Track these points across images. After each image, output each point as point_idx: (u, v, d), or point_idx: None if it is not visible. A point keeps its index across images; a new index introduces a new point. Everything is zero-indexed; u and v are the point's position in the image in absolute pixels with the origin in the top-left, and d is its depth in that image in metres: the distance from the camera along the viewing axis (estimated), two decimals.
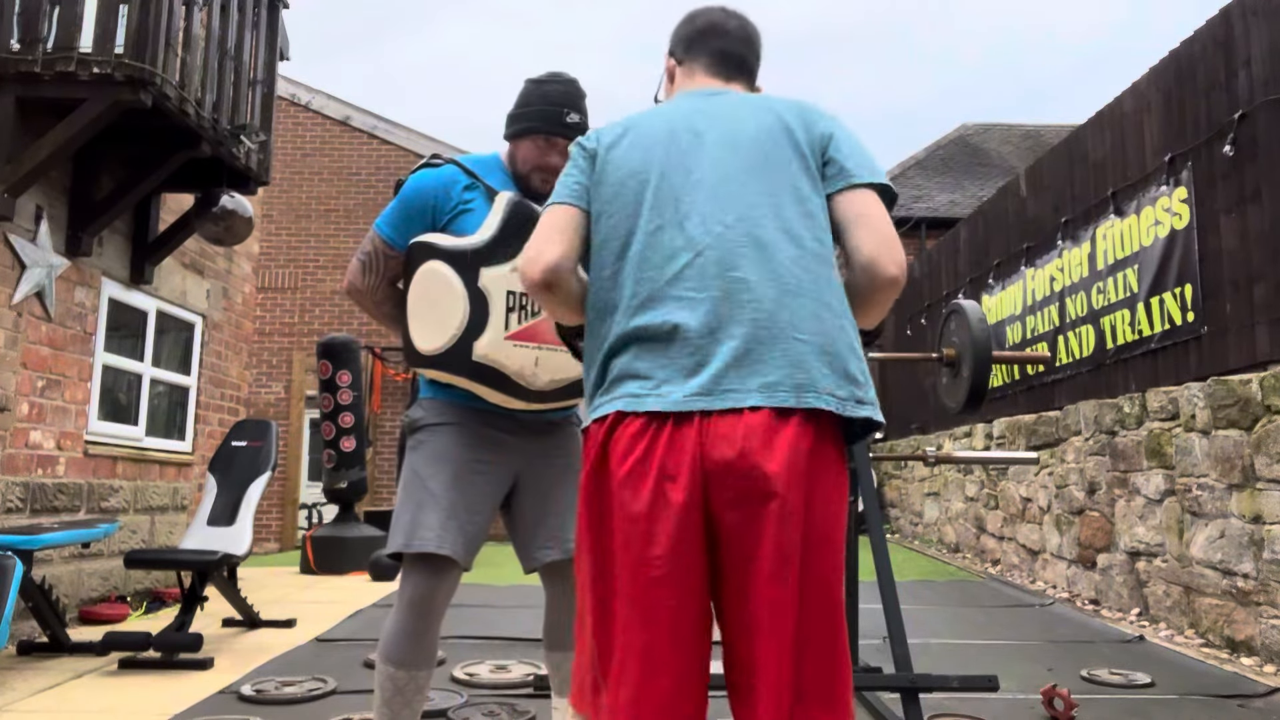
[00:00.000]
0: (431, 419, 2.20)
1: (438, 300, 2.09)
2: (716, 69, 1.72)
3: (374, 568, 6.99)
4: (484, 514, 2.17)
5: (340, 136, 11.87)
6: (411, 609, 2.08)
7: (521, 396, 2.13)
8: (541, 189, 2.22)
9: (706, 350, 1.39)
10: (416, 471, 2.16)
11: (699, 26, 1.75)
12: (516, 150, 2.24)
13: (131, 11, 4.41)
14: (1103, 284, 5.90)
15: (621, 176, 1.53)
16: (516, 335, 2.09)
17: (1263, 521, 4.12)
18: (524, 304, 2.10)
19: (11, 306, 4.54)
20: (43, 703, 3.45)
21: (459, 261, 2.08)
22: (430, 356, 2.10)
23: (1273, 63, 4.36)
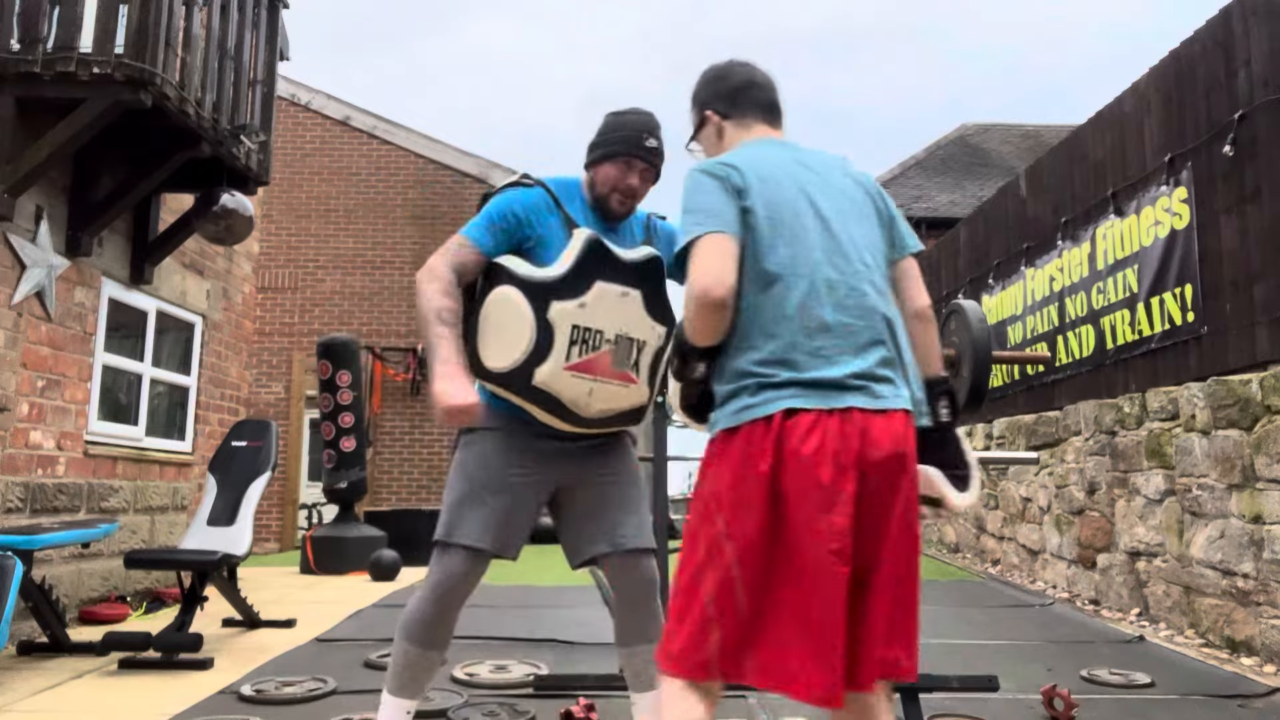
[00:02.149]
0: (484, 424, 2.37)
1: (508, 324, 2.26)
2: (768, 119, 1.96)
3: (374, 568, 6.98)
4: (522, 514, 2.37)
5: (340, 136, 11.86)
6: (434, 593, 2.33)
7: (572, 422, 2.32)
8: (618, 210, 2.43)
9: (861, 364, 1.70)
10: (465, 471, 2.38)
11: (737, 83, 1.97)
12: (597, 174, 2.42)
13: (131, 11, 4.41)
14: (1103, 284, 5.90)
15: (770, 215, 1.75)
16: (576, 367, 2.26)
17: (1263, 521, 4.12)
18: (586, 339, 2.27)
19: (11, 306, 4.54)
20: (43, 703, 3.45)
21: (532, 291, 2.26)
22: (494, 373, 2.29)
23: (1273, 63, 4.36)
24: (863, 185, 1.89)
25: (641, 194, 2.46)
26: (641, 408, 2.42)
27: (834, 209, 1.80)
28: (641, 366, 2.37)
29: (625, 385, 2.34)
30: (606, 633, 4.66)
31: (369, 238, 11.65)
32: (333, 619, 5.09)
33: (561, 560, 2.62)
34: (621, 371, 2.32)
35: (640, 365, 2.36)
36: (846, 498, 1.59)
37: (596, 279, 2.29)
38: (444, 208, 11.70)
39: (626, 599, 2.46)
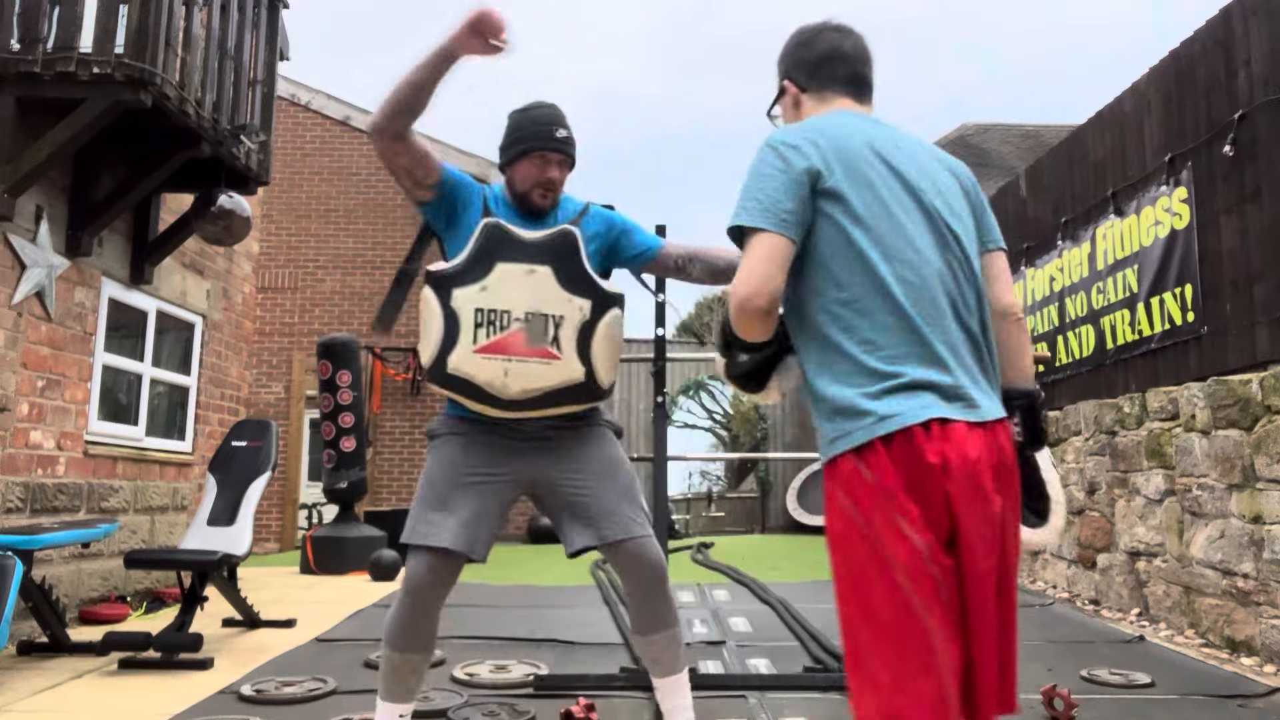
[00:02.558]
0: (444, 430, 2.47)
1: (425, 320, 2.36)
2: (850, 94, 1.77)
3: (374, 568, 6.98)
4: (487, 514, 2.40)
5: (340, 136, 11.86)
6: (407, 596, 2.35)
7: (496, 405, 2.34)
8: (541, 204, 2.45)
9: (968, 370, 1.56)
10: (428, 475, 2.44)
11: (821, 52, 1.78)
12: (515, 173, 2.46)
13: (131, 11, 4.41)
14: (1103, 284, 5.90)
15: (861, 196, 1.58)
16: (485, 349, 2.30)
17: (1263, 521, 4.12)
18: (491, 320, 2.30)
19: (11, 306, 4.54)
20: (43, 703, 3.45)
21: (439, 284, 2.35)
22: (425, 371, 2.38)
23: (1273, 63, 4.36)
24: (954, 170, 1.74)
25: (560, 184, 2.49)
26: (578, 385, 2.37)
27: (931, 192, 1.64)
28: (564, 341, 2.34)
29: (547, 362, 2.32)
30: (606, 633, 4.67)
31: (369, 238, 11.65)
32: (333, 619, 5.09)
33: (561, 560, 2.64)
34: (539, 348, 2.32)
35: (561, 340, 2.34)
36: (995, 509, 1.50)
37: (497, 261, 2.34)
38: None
39: (633, 588, 2.48)
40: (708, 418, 19.17)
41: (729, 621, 4.93)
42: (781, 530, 12.22)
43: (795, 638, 4.46)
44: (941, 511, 1.45)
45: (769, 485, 13.16)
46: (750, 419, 15.05)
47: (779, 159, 1.58)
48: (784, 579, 6.54)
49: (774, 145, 1.61)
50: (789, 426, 13.16)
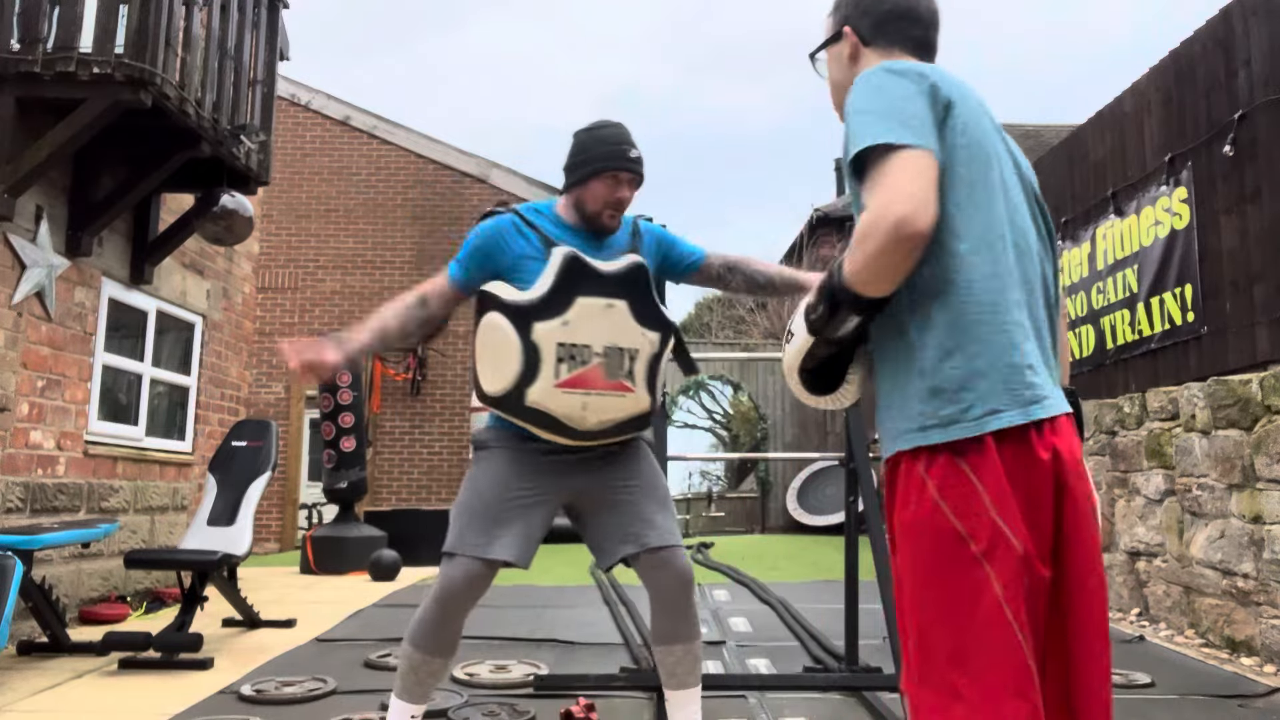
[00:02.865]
0: (493, 442, 2.47)
1: (497, 349, 2.33)
2: (921, 58, 1.58)
3: (374, 568, 6.98)
4: (534, 524, 2.43)
5: (340, 136, 11.86)
6: (442, 602, 2.36)
7: (571, 436, 2.37)
8: (610, 225, 2.47)
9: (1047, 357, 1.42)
10: (476, 486, 2.44)
11: (895, 8, 1.58)
12: (585, 193, 2.44)
13: (131, 11, 4.41)
14: (1102, 284, 5.90)
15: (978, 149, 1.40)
16: (566, 383, 2.31)
17: (1263, 521, 4.12)
18: (573, 354, 2.31)
19: (11, 306, 4.54)
20: (43, 703, 3.45)
21: (515, 314, 2.32)
22: (491, 397, 2.37)
23: (1273, 63, 4.36)
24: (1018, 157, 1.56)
25: (629, 204, 2.49)
26: (644, 415, 2.44)
27: (1024, 164, 1.51)
28: (637, 374, 2.39)
29: (621, 395, 2.37)
30: (606, 633, 4.67)
31: (369, 238, 11.65)
32: (333, 619, 5.09)
33: (562, 560, 2.64)
34: (616, 381, 2.35)
35: (635, 373, 2.39)
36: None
37: (577, 295, 2.33)
38: (444, 208, 11.70)
39: (660, 598, 2.50)
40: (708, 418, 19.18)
41: (729, 621, 4.93)
42: (781, 530, 12.22)
43: (795, 638, 4.46)
44: (1047, 515, 1.31)
45: (769, 485, 13.16)
46: (750, 419, 15.05)
47: (905, 79, 1.38)
48: (784, 579, 6.54)
49: (895, 70, 1.40)
50: (789, 426, 13.16)
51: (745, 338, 15.81)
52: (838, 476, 9.99)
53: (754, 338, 15.35)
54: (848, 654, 3.69)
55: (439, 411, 11.25)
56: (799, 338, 1.48)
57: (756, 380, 13.39)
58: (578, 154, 2.46)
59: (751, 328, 15.94)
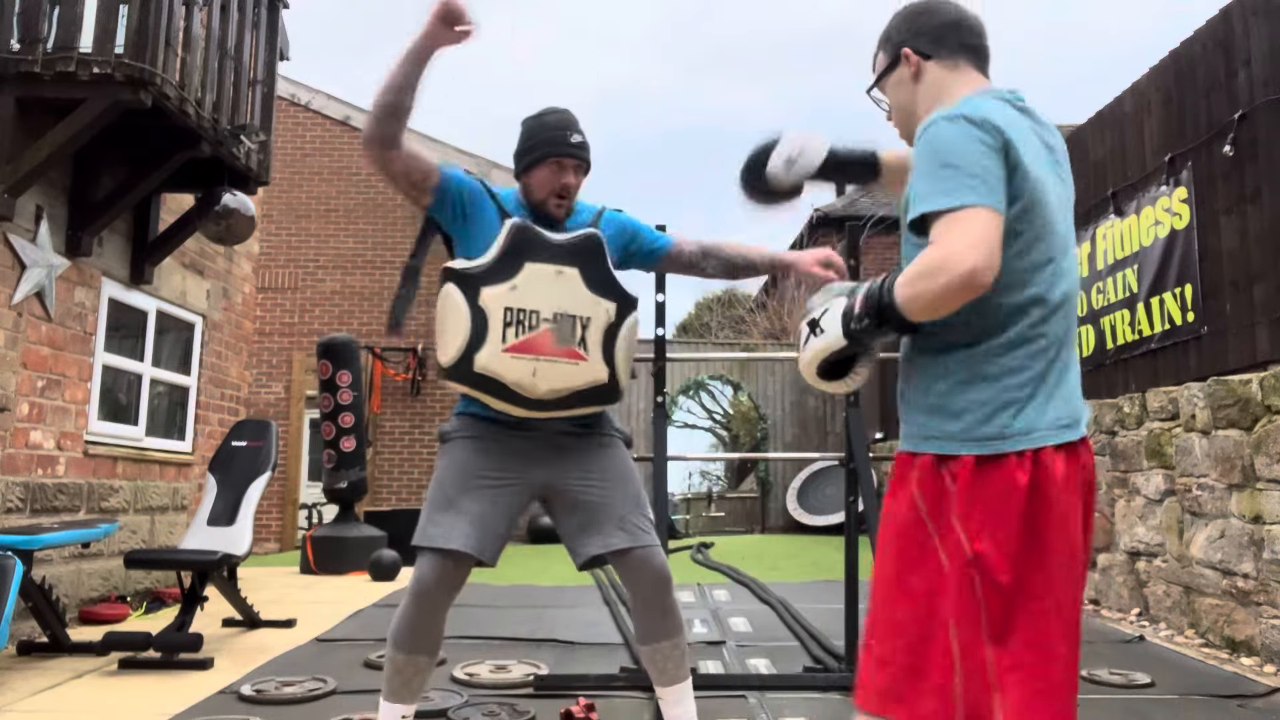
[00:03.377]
0: (457, 432, 2.44)
1: (448, 317, 2.32)
2: (980, 65, 1.67)
3: (374, 568, 6.98)
4: (497, 516, 2.39)
5: (340, 137, 11.86)
6: (415, 598, 2.34)
7: (523, 405, 2.33)
8: (557, 212, 2.45)
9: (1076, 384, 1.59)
10: (439, 477, 2.42)
11: (945, 20, 1.67)
12: (532, 180, 2.44)
13: (131, 11, 4.41)
14: (1102, 284, 5.90)
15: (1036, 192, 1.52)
16: (514, 348, 2.29)
17: (1263, 521, 4.12)
18: (520, 319, 2.29)
19: (11, 306, 4.54)
20: (43, 703, 3.45)
21: (465, 282, 2.31)
22: (445, 368, 2.35)
23: (1273, 63, 4.36)
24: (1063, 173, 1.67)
25: (576, 190, 2.49)
26: (602, 386, 2.40)
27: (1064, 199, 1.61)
28: (590, 343, 2.36)
29: (574, 363, 2.34)
30: (606, 633, 4.67)
31: (369, 238, 11.65)
32: (333, 619, 5.09)
33: (561, 560, 2.63)
34: (566, 348, 2.33)
35: (589, 341, 2.36)
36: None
37: (525, 260, 2.33)
38: None
39: (638, 597, 2.48)
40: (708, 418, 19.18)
41: (729, 621, 4.93)
42: (781, 530, 12.22)
43: (795, 638, 4.46)
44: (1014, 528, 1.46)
45: (769, 485, 13.15)
46: (750, 419, 15.05)
47: (979, 132, 1.46)
48: (784, 579, 6.54)
49: (969, 118, 1.47)
50: (789, 426, 13.16)
51: (745, 338, 15.81)
52: (838, 476, 10.00)
53: (754, 338, 15.35)
54: (848, 654, 3.69)
55: (439, 411, 11.24)
56: (831, 335, 1.59)
57: (756, 380, 13.39)
58: (523, 141, 2.46)
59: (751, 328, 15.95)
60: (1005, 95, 1.60)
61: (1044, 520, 1.46)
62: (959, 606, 1.43)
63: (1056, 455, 1.48)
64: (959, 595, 1.44)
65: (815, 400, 12.64)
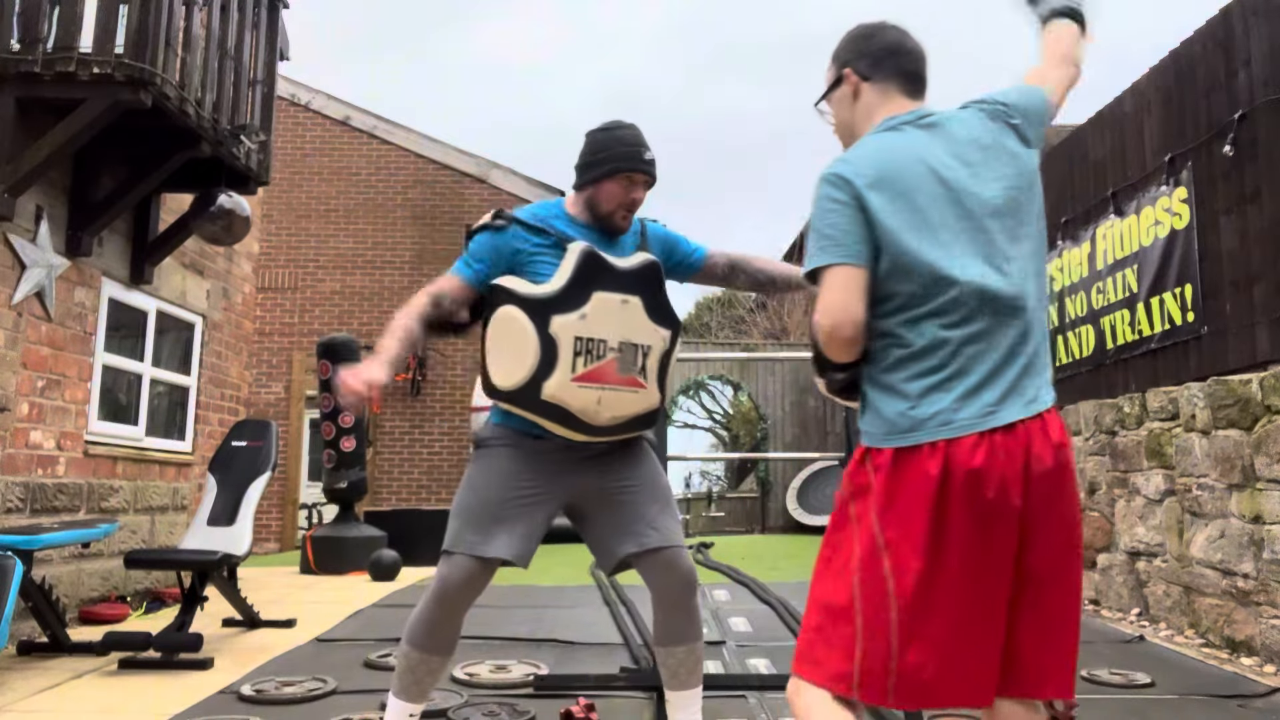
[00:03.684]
0: (495, 440, 2.44)
1: (512, 342, 2.31)
2: (910, 90, 1.85)
3: (374, 568, 6.98)
4: (534, 522, 2.41)
5: (340, 136, 11.86)
6: (436, 600, 2.35)
7: (584, 431, 2.36)
8: (623, 225, 2.47)
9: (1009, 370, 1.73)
10: (474, 483, 2.42)
11: (885, 44, 1.86)
12: (599, 193, 2.44)
13: (131, 11, 4.41)
14: (1102, 284, 5.90)
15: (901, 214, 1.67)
16: (582, 378, 2.31)
17: (1263, 521, 4.12)
18: (590, 349, 2.31)
19: (11, 306, 4.54)
20: (43, 703, 3.45)
21: (533, 308, 2.31)
22: (504, 391, 2.34)
23: (1273, 63, 4.36)
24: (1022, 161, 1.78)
25: (640, 205, 2.50)
26: (653, 412, 2.45)
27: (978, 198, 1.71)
28: (649, 370, 2.40)
29: (634, 390, 2.37)
30: (606, 633, 4.67)
31: (369, 238, 11.65)
32: (333, 619, 5.09)
33: (562, 560, 2.63)
34: (629, 377, 2.36)
35: (648, 369, 2.40)
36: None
37: (594, 289, 2.33)
38: (444, 208, 11.70)
39: (663, 598, 2.49)
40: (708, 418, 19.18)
41: (729, 621, 4.93)
42: (781, 530, 12.23)
43: (795, 637, 4.45)
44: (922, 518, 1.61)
45: (769, 485, 13.16)
46: (750, 419, 15.05)
47: (834, 195, 1.69)
48: (784, 579, 6.54)
49: (828, 180, 1.71)
50: (789, 426, 13.16)
51: (745, 338, 15.81)
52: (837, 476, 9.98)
53: (754, 338, 15.35)
54: None
55: (439, 411, 11.25)
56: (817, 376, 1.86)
57: (756, 380, 13.39)
58: (593, 153, 2.46)
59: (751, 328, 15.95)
60: (909, 118, 1.78)
61: (956, 508, 1.58)
62: (867, 586, 1.61)
63: (978, 446, 1.60)
64: (868, 576, 1.61)
65: (815, 400, 12.64)
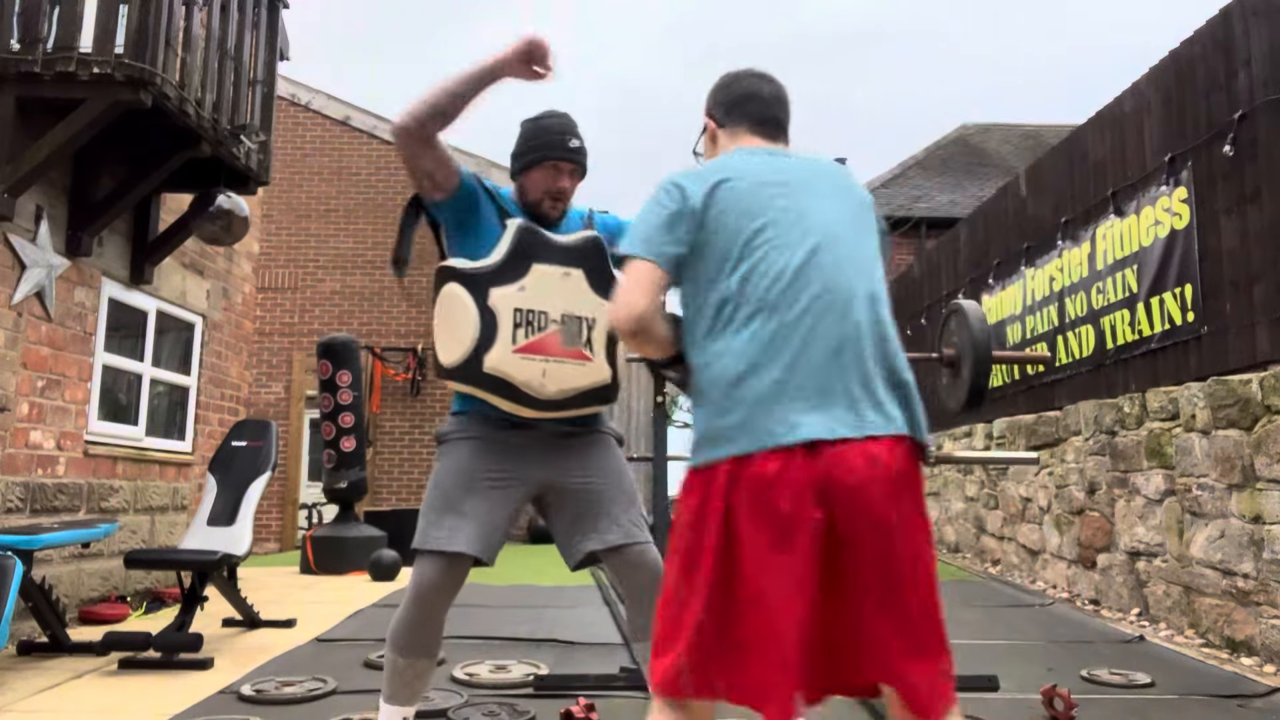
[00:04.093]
0: (456, 433, 2.43)
1: (454, 317, 2.31)
2: (761, 132, 1.94)
3: (374, 568, 6.98)
4: (498, 516, 2.39)
5: (340, 136, 11.87)
6: (415, 601, 2.33)
7: (532, 405, 2.34)
8: (551, 213, 2.47)
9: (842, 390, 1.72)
10: (437, 479, 2.40)
11: (738, 94, 1.96)
12: (526, 182, 2.46)
13: (131, 11, 4.41)
14: (1102, 284, 5.90)
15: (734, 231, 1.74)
16: (524, 349, 2.30)
17: (1263, 521, 4.12)
18: (530, 320, 2.30)
19: (11, 306, 4.54)
20: (43, 703, 3.45)
21: (472, 282, 2.31)
22: (449, 368, 2.33)
23: (1273, 63, 4.36)
24: (856, 193, 1.88)
25: (570, 193, 2.50)
26: (605, 386, 2.42)
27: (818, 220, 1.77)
28: (595, 343, 2.39)
29: (581, 363, 2.36)
30: (607, 633, 4.67)
31: (369, 238, 11.65)
32: (333, 619, 5.09)
33: (561, 560, 2.62)
34: (574, 349, 2.35)
35: (594, 342, 2.38)
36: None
37: (534, 262, 2.34)
38: None
39: (632, 594, 2.47)
40: None
41: None
42: None
43: None
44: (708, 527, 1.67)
45: None
46: None
47: (664, 198, 1.78)
48: None
49: (664, 184, 1.80)
50: None
51: None
52: None
53: None
54: None
55: (439, 411, 11.25)
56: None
57: None
58: (521, 142, 2.48)
59: None
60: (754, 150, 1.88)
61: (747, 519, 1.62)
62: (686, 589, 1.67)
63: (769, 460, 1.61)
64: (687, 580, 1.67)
65: None
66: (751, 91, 1.96)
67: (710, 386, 1.70)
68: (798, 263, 1.70)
